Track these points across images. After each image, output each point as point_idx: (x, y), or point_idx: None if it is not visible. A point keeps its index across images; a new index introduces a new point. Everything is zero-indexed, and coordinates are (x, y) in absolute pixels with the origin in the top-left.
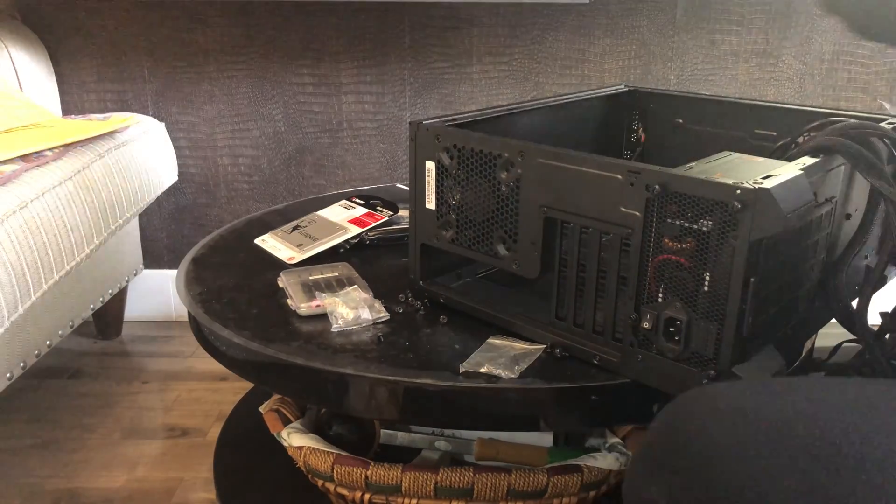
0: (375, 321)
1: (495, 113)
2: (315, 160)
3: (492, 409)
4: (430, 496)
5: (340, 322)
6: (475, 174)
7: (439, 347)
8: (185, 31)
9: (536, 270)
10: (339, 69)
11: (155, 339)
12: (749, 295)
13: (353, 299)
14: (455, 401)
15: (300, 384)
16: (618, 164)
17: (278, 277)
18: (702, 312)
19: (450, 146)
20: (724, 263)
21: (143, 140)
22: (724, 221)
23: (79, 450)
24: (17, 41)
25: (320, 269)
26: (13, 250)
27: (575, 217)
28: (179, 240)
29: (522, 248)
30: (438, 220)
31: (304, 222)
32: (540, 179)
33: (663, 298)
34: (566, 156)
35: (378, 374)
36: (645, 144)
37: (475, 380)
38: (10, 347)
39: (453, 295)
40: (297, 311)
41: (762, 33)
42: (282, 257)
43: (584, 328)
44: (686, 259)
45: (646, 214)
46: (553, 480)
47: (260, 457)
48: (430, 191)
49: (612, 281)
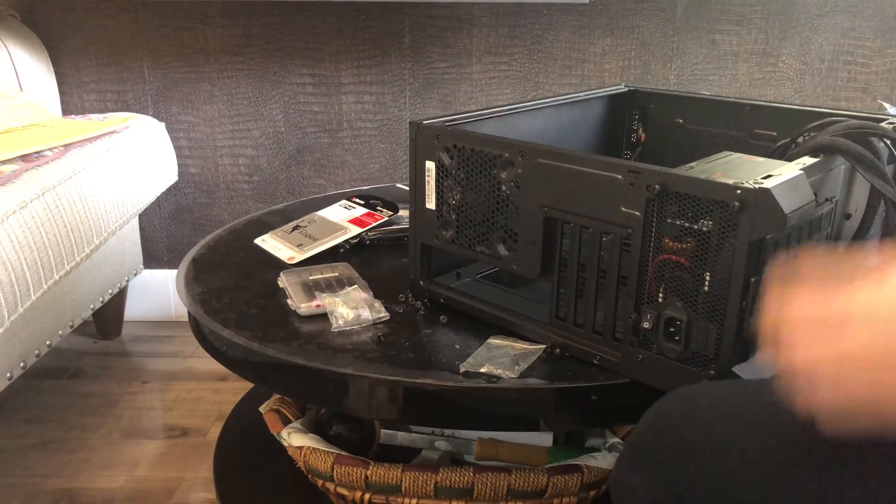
0: (375, 321)
1: (496, 113)
2: (315, 160)
3: (492, 409)
4: (430, 496)
5: (340, 322)
6: (475, 174)
7: (439, 347)
8: (185, 31)
9: (537, 270)
10: (339, 69)
11: (155, 339)
12: (749, 295)
13: (353, 299)
14: (455, 401)
15: (300, 384)
16: (618, 163)
17: (278, 277)
18: (702, 312)
19: (450, 146)
20: (725, 263)
21: (143, 140)
22: (725, 221)
23: (79, 450)
24: (17, 41)
25: (320, 269)
26: (13, 250)
27: (575, 217)
28: (179, 240)
29: (523, 248)
30: (438, 219)
31: (303, 222)
32: (540, 179)
33: (663, 298)
34: (566, 155)
35: (378, 373)
36: (645, 144)
37: (475, 380)
38: (10, 347)
39: (453, 295)
40: (297, 311)
41: (762, 33)
42: (282, 257)
43: (585, 328)
44: (686, 259)
45: (646, 214)
46: (553, 480)
47: (260, 457)
48: (430, 191)
49: (612, 281)
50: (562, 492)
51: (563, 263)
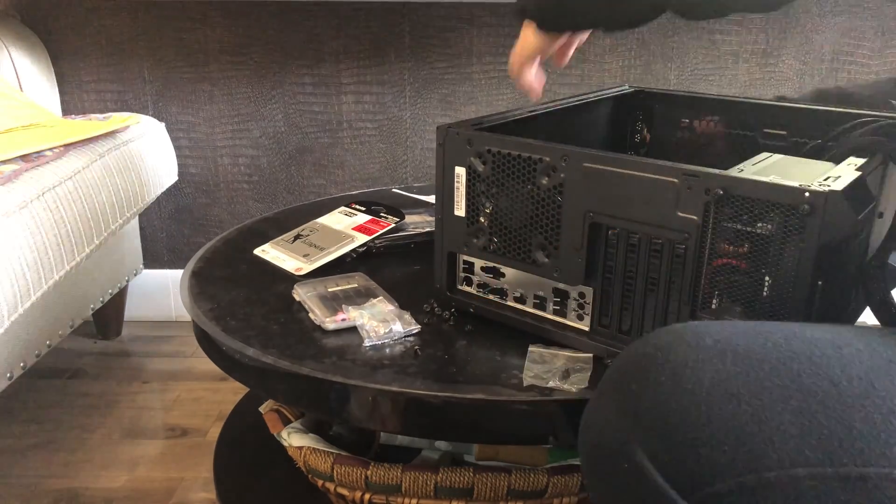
0: (407, 334)
1: (515, 116)
2: (315, 160)
3: (562, 423)
4: (430, 496)
5: (372, 336)
6: (512, 179)
7: (481, 360)
8: (185, 31)
9: (580, 278)
10: (339, 69)
11: (155, 339)
12: (816, 298)
13: (380, 312)
14: (522, 416)
15: (339, 403)
16: (674, 167)
17: (293, 290)
18: (762, 317)
19: (483, 151)
20: (787, 267)
21: (143, 140)
22: (789, 224)
23: (79, 450)
24: (17, 41)
25: (335, 280)
26: (13, 250)
27: (624, 222)
28: (179, 240)
29: (564, 255)
30: (469, 227)
31: (305, 231)
32: (585, 184)
33: (717, 304)
34: (614, 160)
35: (426, 390)
36: (650, 145)
37: (545, 394)
38: (10, 347)
39: (484, 304)
40: (321, 325)
41: (762, 33)
42: (288, 269)
43: (631, 335)
44: (745, 263)
45: (703, 219)
46: (553, 480)
47: (260, 457)
48: (459, 197)
49: (663, 286)
50: (562, 492)
51: (608, 270)
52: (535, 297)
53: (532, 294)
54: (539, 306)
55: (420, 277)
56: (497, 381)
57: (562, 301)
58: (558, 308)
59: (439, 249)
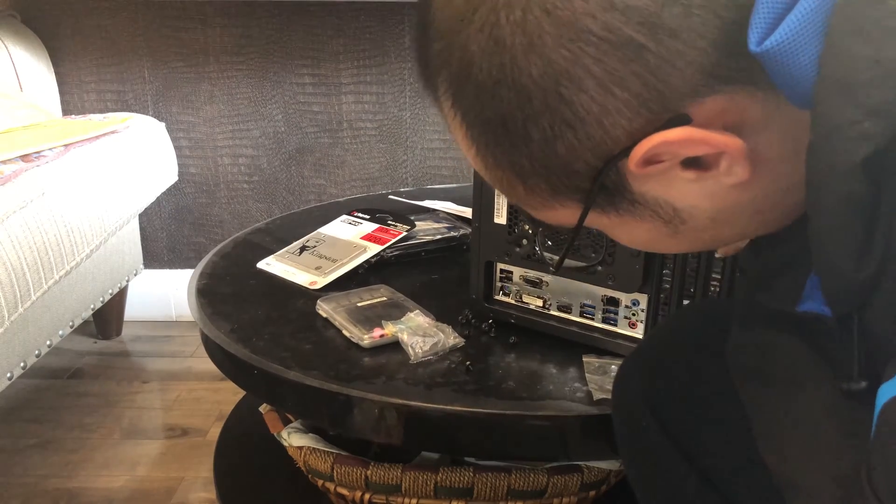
0: (452, 348)
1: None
2: (315, 160)
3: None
4: (430, 496)
5: (418, 352)
6: None
7: (538, 373)
8: (185, 31)
9: (637, 284)
10: (339, 69)
11: (155, 339)
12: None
13: (420, 326)
14: (593, 430)
15: (397, 426)
16: None
17: (316, 306)
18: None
19: None
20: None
21: (143, 140)
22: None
23: (79, 450)
24: (17, 41)
25: (359, 293)
26: (13, 250)
27: None
28: (179, 240)
29: (620, 262)
30: (510, 235)
31: (311, 242)
32: None
33: None
34: None
35: (495, 409)
36: None
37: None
38: (10, 347)
39: (524, 314)
40: (359, 343)
41: None
42: (301, 283)
43: None
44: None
45: None
46: (553, 480)
47: (260, 457)
48: (499, 205)
49: (724, 291)
50: (562, 492)
51: (663, 275)
52: (582, 306)
53: (578, 303)
54: (586, 314)
55: (441, 287)
56: (563, 395)
57: (613, 309)
58: (608, 316)
59: (476, 259)
